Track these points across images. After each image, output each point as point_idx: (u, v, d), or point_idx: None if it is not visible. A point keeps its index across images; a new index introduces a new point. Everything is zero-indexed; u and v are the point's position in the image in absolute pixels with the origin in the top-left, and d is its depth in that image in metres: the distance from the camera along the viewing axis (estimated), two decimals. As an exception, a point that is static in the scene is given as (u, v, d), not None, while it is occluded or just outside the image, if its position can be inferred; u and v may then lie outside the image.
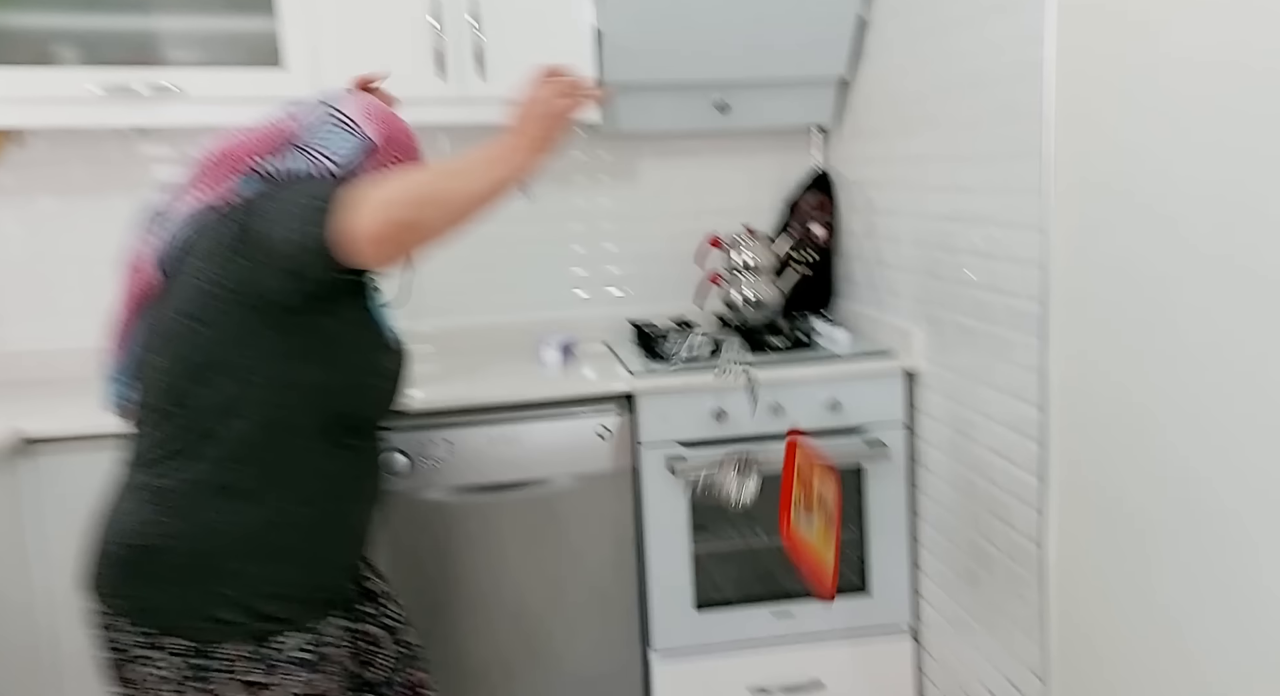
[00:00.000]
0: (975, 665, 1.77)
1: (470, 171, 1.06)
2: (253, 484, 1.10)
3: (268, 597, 1.10)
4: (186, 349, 1.10)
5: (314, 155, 1.18)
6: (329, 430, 1.14)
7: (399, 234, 1.00)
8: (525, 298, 2.37)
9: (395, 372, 1.23)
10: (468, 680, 1.87)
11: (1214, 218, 1.13)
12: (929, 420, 1.89)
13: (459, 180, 1.04)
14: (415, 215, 1.01)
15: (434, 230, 1.03)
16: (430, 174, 1.04)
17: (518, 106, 1.15)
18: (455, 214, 1.04)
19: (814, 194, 2.34)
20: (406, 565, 1.82)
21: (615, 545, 1.90)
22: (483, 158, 1.08)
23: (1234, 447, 1.13)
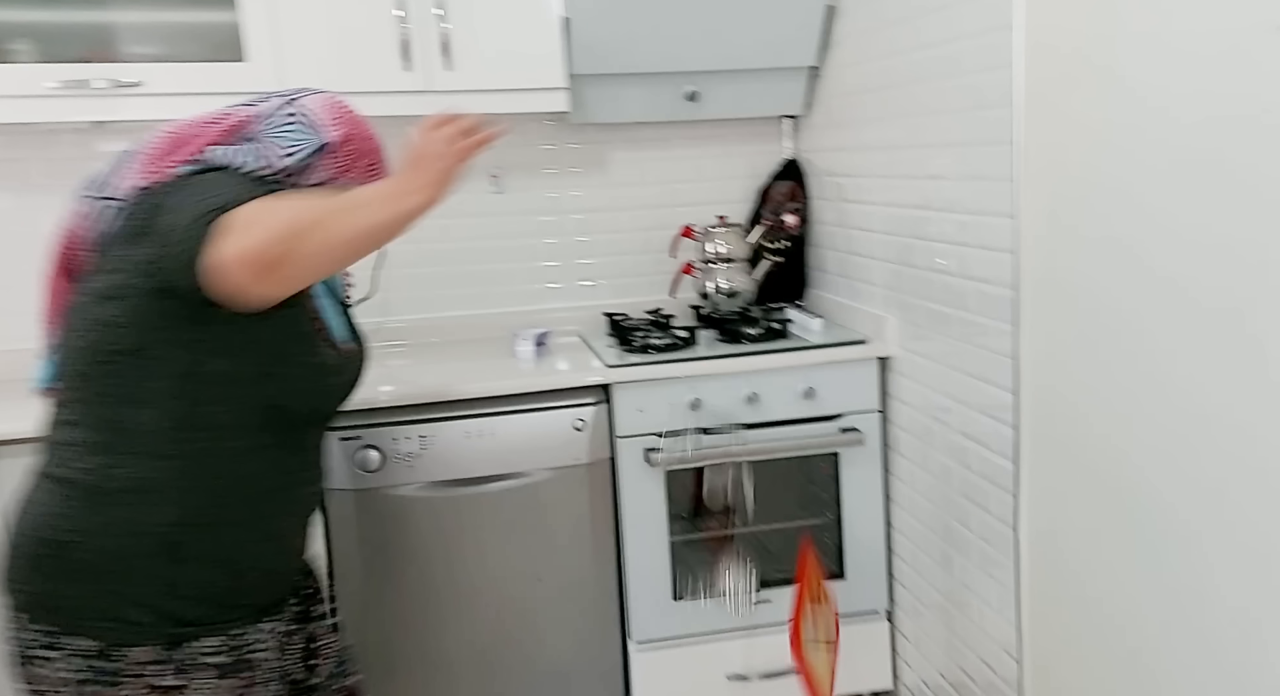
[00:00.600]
0: (951, 646, 1.80)
1: (360, 208, 1.00)
2: (164, 480, 1.05)
3: (180, 599, 1.07)
4: (96, 333, 1.05)
5: (264, 147, 1.14)
6: (249, 428, 1.10)
7: (273, 264, 0.93)
8: (498, 291, 2.35)
9: (331, 370, 1.18)
10: (447, 674, 1.86)
11: (1184, 201, 1.15)
12: (903, 406, 1.91)
13: (347, 216, 0.99)
14: (293, 247, 0.94)
15: (312, 264, 0.96)
16: (318, 206, 0.97)
17: (413, 147, 1.11)
18: (337, 250, 0.98)
19: (785, 183, 2.35)
20: (383, 561, 1.81)
21: (593, 537, 1.90)
22: (375, 195, 1.03)
23: (1204, 429, 1.15)
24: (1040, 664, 1.52)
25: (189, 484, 1.06)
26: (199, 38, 1.91)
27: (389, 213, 1.03)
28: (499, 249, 2.34)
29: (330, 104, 1.21)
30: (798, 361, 1.91)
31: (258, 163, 1.13)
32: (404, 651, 1.84)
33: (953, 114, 1.63)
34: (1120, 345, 1.27)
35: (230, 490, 1.09)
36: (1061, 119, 1.35)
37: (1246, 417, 1.08)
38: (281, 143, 1.14)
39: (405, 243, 2.27)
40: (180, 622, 1.07)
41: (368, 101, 1.94)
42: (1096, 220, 1.29)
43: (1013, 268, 1.49)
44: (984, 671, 1.69)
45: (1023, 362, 1.49)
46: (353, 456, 1.77)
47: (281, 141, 1.14)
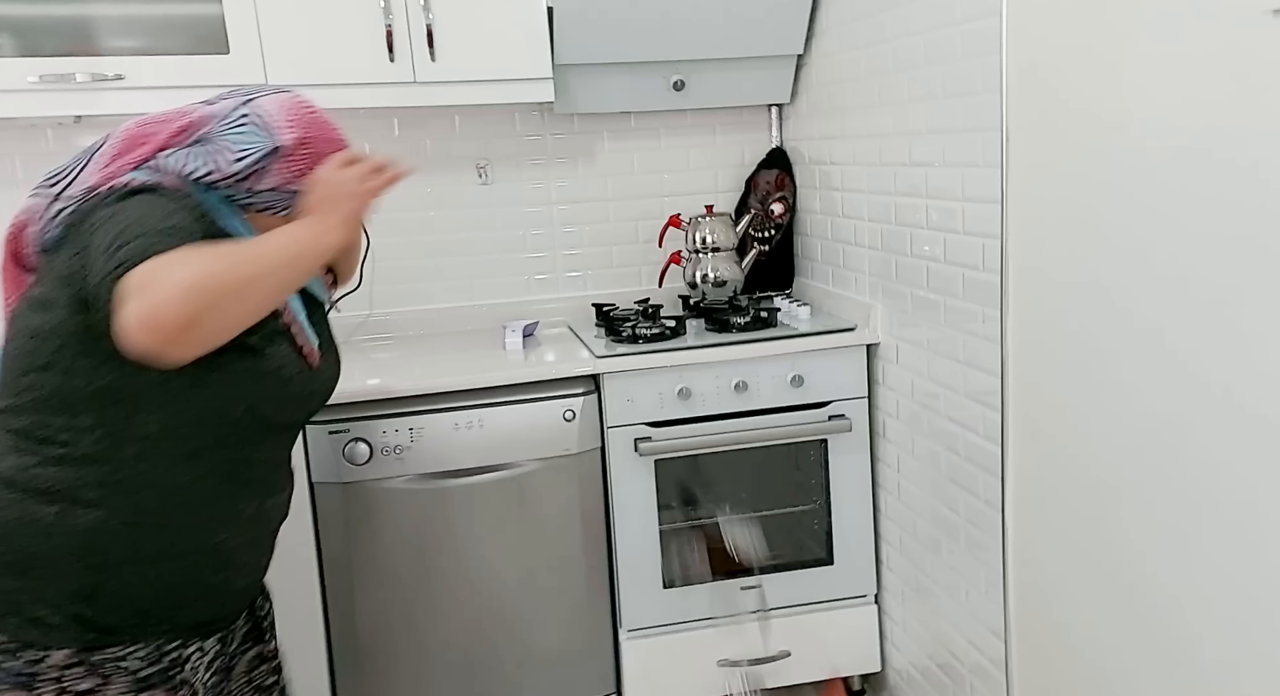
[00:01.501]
0: (938, 629, 1.82)
1: (270, 258, 0.96)
2: (90, 486, 1.02)
3: (100, 606, 1.04)
4: (28, 342, 1.02)
5: (215, 150, 1.09)
6: (185, 439, 1.05)
7: (182, 329, 0.87)
8: (485, 282, 2.35)
9: (285, 380, 1.11)
10: (438, 665, 1.87)
11: (1174, 186, 1.16)
12: (890, 393, 1.92)
13: (257, 268, 0.94)
14: (200, 310, 0.87)
15: (225, 323, 0.91)
16: (226, 260, 0.91)
17: (315, 189, 1.09)
18: (250, 304, 0.93)
19: (772, 172, 2.35)
20: (373, 553, 1.81)
21: (583, 526, 1.91)
22: (283, 244, 0.99)
23: (1193, 410, 1.16)
24: (1027, 646, 1.54)
25: (116, 492, 1.03)
26: (182, 30, 1.90)
27: (302, 258, 0.99)
28: (486, 240, 2.34)
29: (288, 104, 1.13)
30: (785, 349, 1.92)
31: (206, 168, 1.08)
32: (394, 643, 1.84)
33: (940, 100, 1.63)
34: (1107, 330, 1.29)
35: (161, 501, 1.05)
36: (1050, 105, 1.36)
37: (1235, 403, 1.09)
38: (233, 146, 1.08)
39: (391, 235, 2.27)
40: (99, 629, 1.04)
41: (352, 94, 1.93)
42: (1085, 206, 1.31)
43: (1000, 254, 1.50)
44: (972, 654, 1.71)
45: (1009, 348, 1.50)
46: (341, 449, 1.77)
47: (233, 144, 1.08)
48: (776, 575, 1.99)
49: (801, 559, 2.01)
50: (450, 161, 2.29)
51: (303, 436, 1.75)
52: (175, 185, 1.06)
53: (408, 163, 1.17)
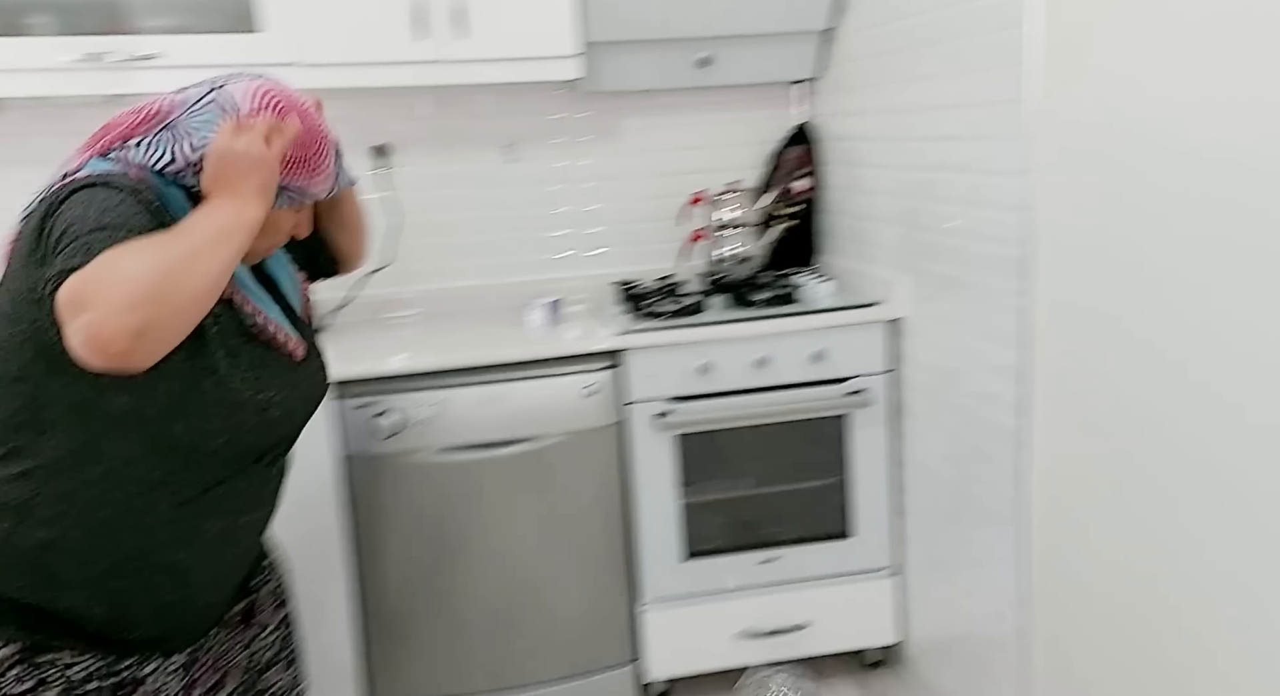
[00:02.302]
0: (957, 602, 1.83)
1: (201, 253, 0.89)
2: (48, 505, 0.98)
3: (52, 621, 1.01)
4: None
5: (177, 137, 1.02)
6: (154, 467, 1.00)
7: (134, 340, 0.82)
8: (509, 260, 2.37)
9: (255, 407, 1.04)
10: (464, 633, 1.92)
11: (1200, 155, 1.15)
12: (912, 368, 1.93)
13: (193, 265, 0.88)
14: (150, 315, 0.83)
15: (176, 324, 0.86)
16: (154, 261, 0.85)
17: (215, 164, 1.00)
18: (194, 301, 0.88)
19: (796, 149, 2.35)
20: (400, 524, 1.86)
21: (604, 499, 1.94)
22: (206, 229, 0.92)
23: (1215, 384, 1.16)
24: (1047, 619, 1.55)
25: (71, 511, 0.99)
26: (215, 9, 1.93)
27: (228, 239, 0.93)
28: (511, 218, 2.36)
29: (255, 90, 1.05)
30: (807, 325, 1.93)
31: (167, 157, 1.02)
32: (422, 610, 1.89)
33: (964, 74, 1.63)
34: (1135, 302, 1.29)
35: (118, 522, 1.00)
36: (1073, 76, 1.35)
37: (1266, 377, 1.09)
38: (195, 133, 1.02)
39: (419, 213, 2.30)
40: (51, 636, 1.01)
41: (381, 73, 1.96)
42: (1109, 177, 1.30)
43: (1022, 226, 1.50)
44: (990, 627, 1.72)
45: (1035, 320, 1.50)
46: (369, 423, 1.81)
47: (196, 132, 1.02)
48: (796, 547, 2.01)
49: (821, 532, 2.03)
50: (477, 140, 2.32)
51: (333, 410, 1.80)
52: (137, 177, 1.00)
53: (309, 99, 1.10)
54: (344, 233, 1.30)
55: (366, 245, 1.37)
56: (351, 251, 1.34)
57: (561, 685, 1.97)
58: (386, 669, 1.89)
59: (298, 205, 1.09)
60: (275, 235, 1.09)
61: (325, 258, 1.32)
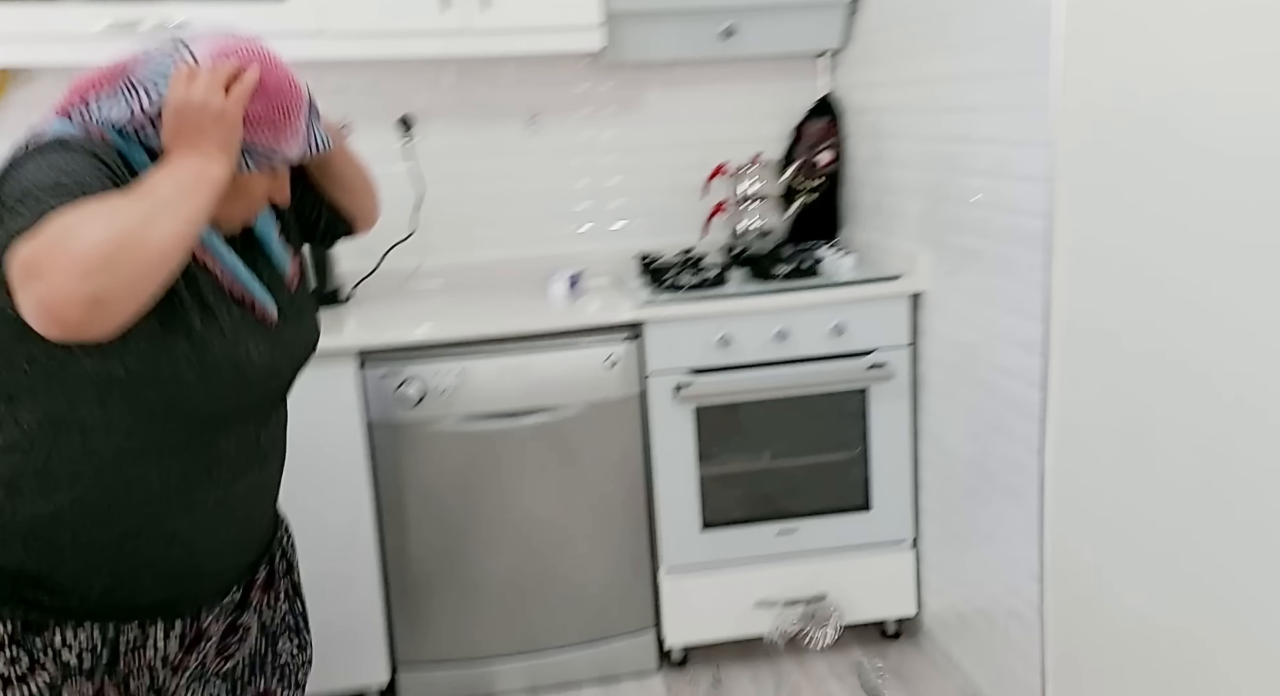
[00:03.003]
0: (974, 574, 1.84)
1: (160, 214, 0.84)
2: (30, 476, 0.95)
3: (49, 591, 0.98)
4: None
5: (136, 93, 0.96)
6: (133, 435, 0.97)
7: (90, 309, 0.78)
8: (532, 232, 2.39)
9: (231, 366, 0.99)
10: (485, 599, 1.95)
11: (1226, 127, 1.14)
12: (933, 341, 1.93)
13: (152, 227, 0.82)
14: (107, 282, 0.78)
15: (136, 291, 0.81)
16: (110, 224, 0.80)
17: (172, 118, 0.93)
18: (155, 271, 0.82)
19: (820, 121, 2.33)
20: (424, 491, 1.89)
21: (624, 468, 1.96)
22: (168, 193, 0.87)
23: (1237, 359, 1.16)
24: (1062, 590, 1.56)
25: (58, 483, 0.96)
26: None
27: (191, 200, 0.88)
28: (534, 190, 2.37)
29: (220, 42, 0.98)
30: (828, 298, 1.93)
31: (125, 113, 0.96)
32: (445, 574, 1.93)
33: (990, 44, 1.61)
34: (1153, 276, 1.28)
35: (108, 493, 0.97)
36: (1099, 45, 1.33)
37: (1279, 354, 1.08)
38: (153, 87, 0.96)
39: (442, 184, 2.31)
40: (47, 612, 0.98)
41: (405, 44, 1.97)
42: (1134, 148, 1.29)
43: (1046, 198, 1.49)
44: (1007, 598, 1.73)
45: (1054, 290, 1.49)
46: (393, 391, 1.84)
47: (152, 85, 0.96)
48: (814, 519, 2.03)
49: (840, 505, 2.04)
50: (501, 111, 2.32)
51: (357, 378, 1.83)
52: (98, 136, 0.95)
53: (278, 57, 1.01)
54: (345, 193, 1.23)
55: (374, 202, 1.30)
56: (359, 211, 1.27)
57: (582, 650, 2.01)
58: (408, 631, 1.94)
59: (269, 169, 1.01)
60: (249, 201, 1.02)
61: (335, 220, 1.26)
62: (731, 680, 2.02)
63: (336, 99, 2.24)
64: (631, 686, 2.02)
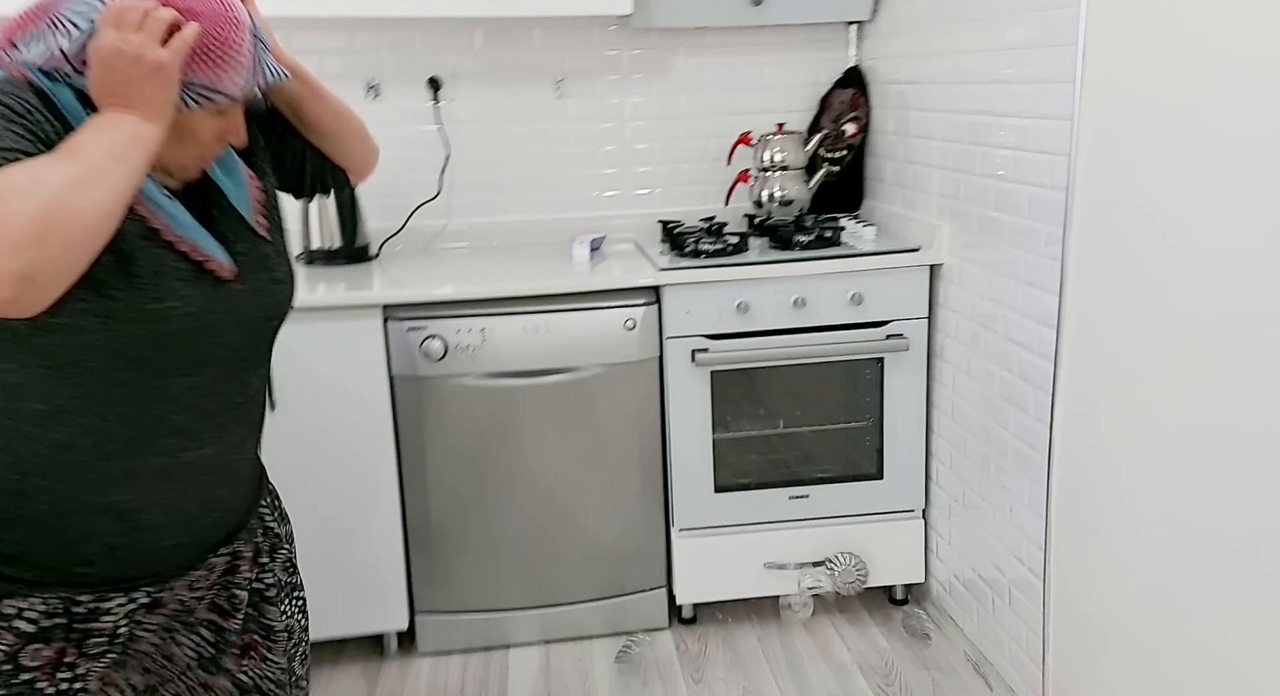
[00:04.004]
0: (983, 542, 1.87)
1: (91, 180, 0.78)
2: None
3: None
4: None
5: (57, 30, 0.87)
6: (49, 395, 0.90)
7: (21, 285, 0.73)
8: (557, 197, 2.41)
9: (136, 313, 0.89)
10: (504, 548, 2.01)
11: (1251, 107, 1.14)
12: (951, 313, 1.94)
13: (83, 195, 0.77)
14: (37, 257, 0.73)
15: (69, 264, 0.76)
16: (42, 199, 0.74)
17: (101, 67, 0.84)
18: (88, 242, 0.77)
19: (847, 91, 2.33)
20: (445, 444, 1.95)
21: (640, 430, 2.00)
22: (98, 157, 0.80)
23: (1244, 334, 1.17)
24: (1066, 555, 1.58)
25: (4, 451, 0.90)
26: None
27: (126, 161, 0.81)
28: (559, 155, 2.39)
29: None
30: (846, 268, 1.95)
31: (43, 52, 0.87)
32: (463, 526, 1.99)
33: (1018, 15, 1.60)
34: (1167, 250, 1.28)
35: (38, 458, 0.91)
36: (1130, 21, 1.33)
37: None
38: (72, 25, 0.86)
39: (469, 147, 2.35)
40: None
41: (435, 4, 1.99)
42: (1157, 126, 1.29)
43: (1067, 171, 1.49)
44: (1013, 566, 1.75)
45: (1069, 264, 1.50)
46: (418, 346, 1.89)
47: (71, 23, 0.86)
48: (826, 486, 2.06)
49: (852, 472, 2.07)
50: (528, 75, 2.34)
51: (381, 333, 1.88)
52: (21, 77, 0.87)
53: None
54: (328, 141, 1.15)
55: (366, 149, 1.21)
56: (349, 159, 1.18)
57: (595, 604, 2.06)
58: (427, 580, 2.00)
59: (213, 106, 0.91)
60: (198, 144, 0.94)
61: (323, 170, 1.18)
62: (738, 639, 2.07)
63: (367, 58, 2.27)
64: (642, 641, 2.07)
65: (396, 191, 2.31)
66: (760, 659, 1.99)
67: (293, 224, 2.21)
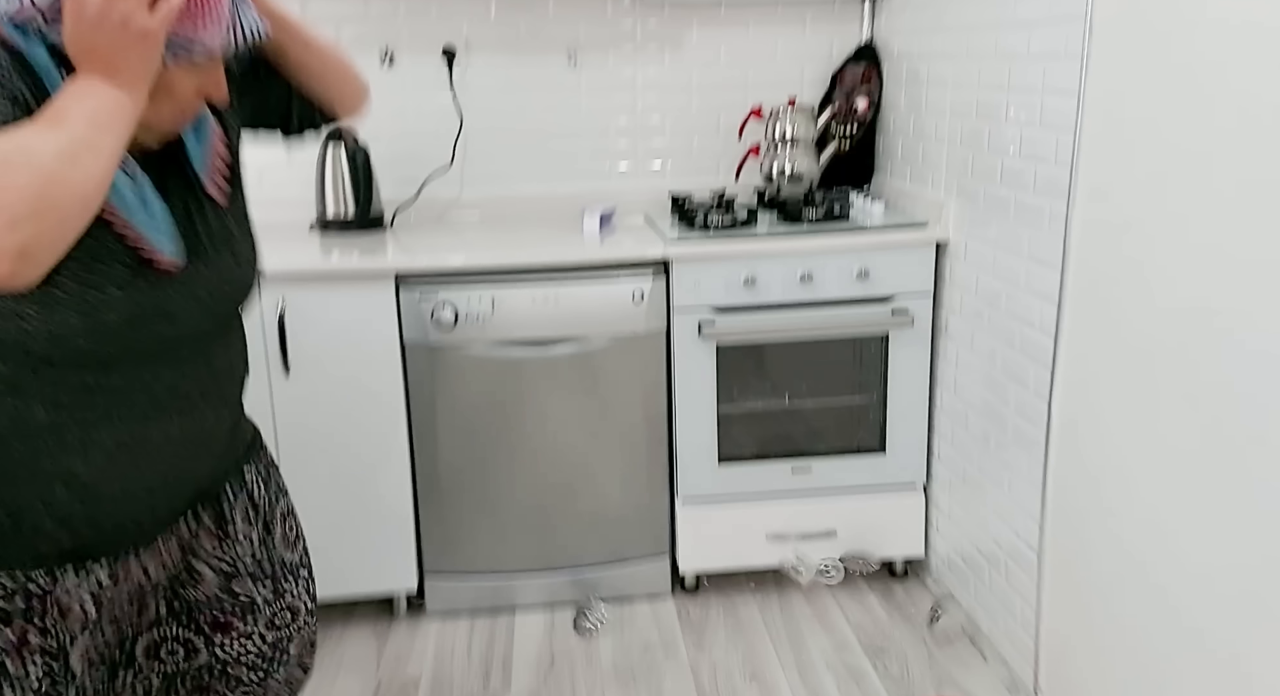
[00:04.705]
0: (982, 517, 1.89)
1: (82, 152, 0.76)
2: None
3: None
4: None
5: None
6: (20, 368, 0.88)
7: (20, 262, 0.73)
8: (569, 168, 2.43)
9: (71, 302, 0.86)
10: (511, 513, 2.06)
11: (1259, 79, 1.14)
12: (955, 290, 1.95)
13: (75, 167, 0.75)
14: (33, 233, 0.72)
15: (62, 236, 0.75)
16: (36, 173, 0.73)
17: (83, 29, 0.81)
18: (82, 214, 0.77)
19: (860, 66, 2.33)
20: (454, 411, 1.99)
21: (646, 400, 2.03)
22: (86, 128, 0.78)
23: (1243, 313, 1.18)
24: (1061, 529, 1.61)
25: None
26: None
27: (112, 131, 0.79)
28: (572, 126, 2.41)
29: None
30: (853, 243, 1.96)
31: (13, 6, 0.83)
32: (471, 493, 2.04)
33: (1028, -10, 1.60)
34: (1167, 227, 1.29)
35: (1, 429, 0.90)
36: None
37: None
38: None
39: (482, 118, 2.36)
40: None
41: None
42: (1162, 105, 1.29)
43: (1072, 147, 1.49)
44: (1011, 540, 1.78)
45: (1071, 239, 1.51)
46: (430, 314, 1.92)
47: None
48: (829, 459, 2.09)
49: (855, 446, 2.10)
50: (542, 45, 2.35)
51: (393, 300, 1.91)
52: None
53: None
54: (314, 81, 1.12)
55: (355, 87, 1.17)
56: (337, 98, 1.15)
57: (600, 569, 2.11)
58: (436, 542, 2.05)
59: (191, 62, 0.88)
60: (176, 101, 0.91)
61: (309, 110, 1.15)
62: (740, 608, 2.11)
63: (383, 26, 2.28)
64: (644, 607, 2.12)
65: (410, 161, 2.33)
66: (760, 627, 2.04)
67: (308, 192, 2.24)
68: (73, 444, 0.92)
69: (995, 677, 1.83)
